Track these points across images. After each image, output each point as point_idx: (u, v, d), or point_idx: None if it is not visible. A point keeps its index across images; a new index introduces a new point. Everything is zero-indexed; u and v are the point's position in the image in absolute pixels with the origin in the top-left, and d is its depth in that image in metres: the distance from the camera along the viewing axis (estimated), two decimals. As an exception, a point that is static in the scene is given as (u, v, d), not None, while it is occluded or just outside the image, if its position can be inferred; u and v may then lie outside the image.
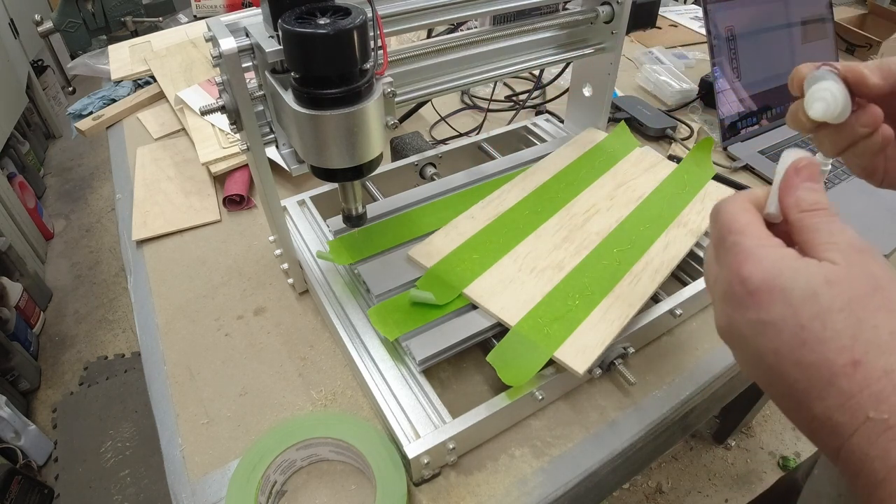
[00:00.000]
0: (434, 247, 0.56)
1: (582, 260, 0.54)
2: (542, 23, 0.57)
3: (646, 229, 0.57)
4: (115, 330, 1.71)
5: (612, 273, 0.53)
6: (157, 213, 0.73)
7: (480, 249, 0.55)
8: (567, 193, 0.62)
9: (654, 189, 0.62)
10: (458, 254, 0.55)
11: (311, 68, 0.37)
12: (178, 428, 0.50)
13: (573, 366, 0.46)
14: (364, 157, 0.41)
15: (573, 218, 0.59)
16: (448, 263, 0.54)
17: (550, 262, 0.54)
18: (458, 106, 0.95)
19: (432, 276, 0.53)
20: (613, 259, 0.54)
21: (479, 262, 0.54)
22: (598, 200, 0.61)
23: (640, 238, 0.56)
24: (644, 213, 0.59)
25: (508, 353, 0.48)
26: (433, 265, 0.53)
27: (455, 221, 0.58)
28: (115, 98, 0.97)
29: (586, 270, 0.53)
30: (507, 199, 0.61)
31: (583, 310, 0.50)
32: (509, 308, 0.50)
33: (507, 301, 0.51)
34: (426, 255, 0.55)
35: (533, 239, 0.56)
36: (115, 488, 1.31)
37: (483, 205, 0.60)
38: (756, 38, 0.86)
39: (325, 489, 0.47)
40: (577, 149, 0.68)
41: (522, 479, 0.46)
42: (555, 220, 0.59)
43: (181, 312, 0.61)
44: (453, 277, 0.53)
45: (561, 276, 0.53)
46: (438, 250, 0.55)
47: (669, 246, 0.56)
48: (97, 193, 2.25)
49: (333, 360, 0.55)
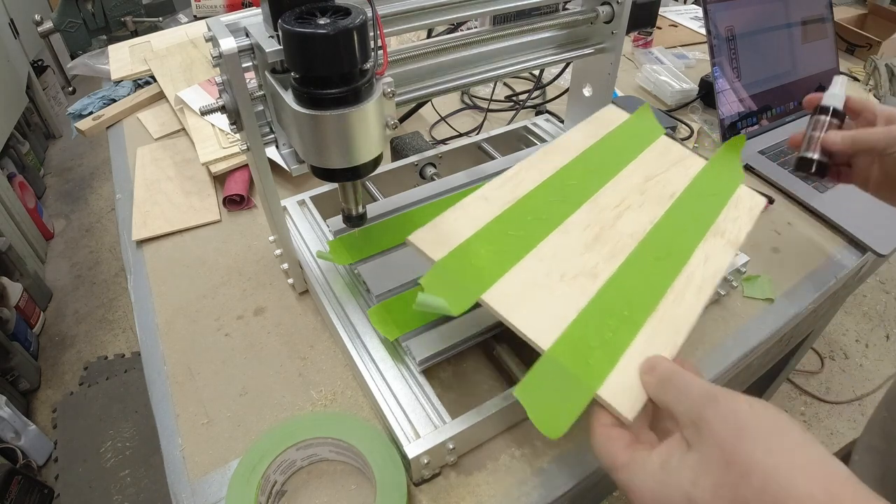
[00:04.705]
0: (440, 233, 0.45)
1: (618, 268, 0.46)
2: (542, 23, 0.57)
3: (682, 235, 0.50)
4: (115, 330, 1.71)
5: (652, 287, 0.45)
6: (157, 213, 0.73)
7: (497, 242, 0.46)
8: (593, 181, 0.53)
9: (686, 188, 0.55)
10: (470, 245, 0.45)
11: (311, 68, 0.37)
12: (178, 428, 0.50)
13: (621, 410, 0.36)
14: (364, 157, 0.41)
15: (602, 213, 0.50)
16: (459, 256, 0.44)
17: (582, 267, 0.45)
18: (458, 106, 0.95)
19: (440, 272, 0.43)
20: (652, 270, 0.46)
21: (498, 258, 0.44)
22: (628, 194, 0.53)
23: (678, 246, 0.49)
24: (678, 215, 0.52)
25: (542, 388, 0.38)
26: (441, 258, 0.43)
27: (465, 202, 0.48)
28: (115, 98, 0.97)
29: (624, 282, 0.45)
30: (525, 181, 0.51)
31: (625, 333, 0.41)
32: (539, 325, 0.40)
33: (535, 315, 0.41)
34: (431, 244, 0.44)
35: (559, 235, 0.47)
36: (115, 488, 1.31)
37: (497, 184, 0.50)
38: (756, 38, 0.86)
39: (325, 489, 0.47)
40: (597, 128, 0.59)
41: (522, 479, 0.46)
42: (582, 213, 0.50)
43: (181, 312, 0.61)
44: (467, 277, 0.42)
45: (596, 286, 0.44)
46: (446, 238, 0.45)
47: (709, 259, 0.48)
48: (97, 193, 2.25)
49: (333, 360, 0.55)
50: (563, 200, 0.51)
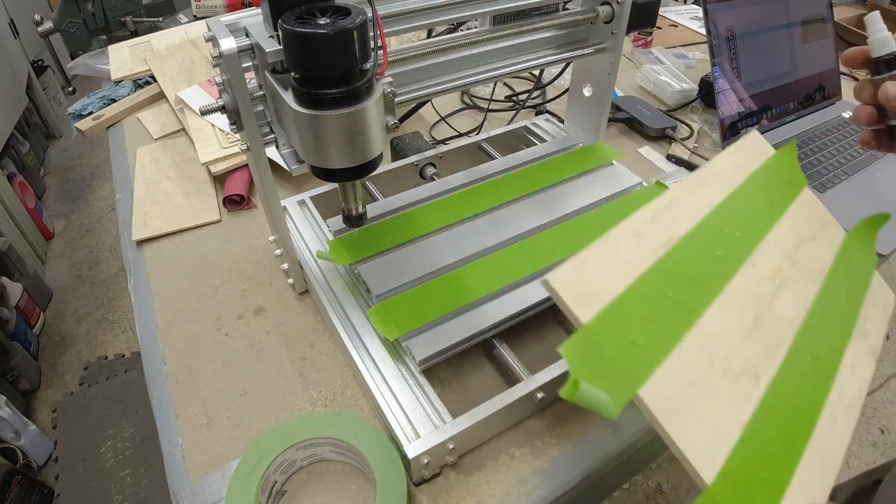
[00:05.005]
0: (586, 279, 0.34)
1: (778, 369, 0.39)
2: (542, 23, 0.57)
3: (832, 330, 0.43)
4: (115, 330, 1.71)
5: (809, 401, 0.39)
6: (157, 213, 0.73)
7: (653, 307, 0.36)
8: (747, 233, 0.45)
9: (832, 267, 0.47)
10: (623, 305, 0.35)
11: (311, 68, 0.37)
12: (178, 428, 0.50)
13: None
14: (364, 157, 0.41)
15: (760, 284, 0.42)
16: (610, 321, 0.34)
17: (745, 362, 0.38)
18: (458, 106, 0.95)
19: (588, 340, 0.33)
20: (808, 375, 0.40)
21: (655, 332, 0.35)
22: (782, 262, 0.44)
23: (830, 344, 0.42)
24: (828, 303, 0.44)
25: None
26: (589, 320, 0.33)
27: (613, 236, 0.37)
28: (115, 98, 0.97)
29: (784, 390, 0.38)
30: (679, 217, 0.42)
31: (785, 467, 0.35)
32: (702, 445, 0.33)
33: (697, 430, 0.33)
34: (577, 295, 0.33)
35: (719, 309, 0.39)
36: (115, 488, 1.31)
37: (649, 216, 0.40)
38: (756, 38, 0.86)
39: (325, 489, 0.47)
40: (748, 158, 0.50)
41: (522, 479, 0.46)
42: (740, 279, 0.41)
43: (181, 312, 0.61)
44: (620, 355, 0.33)
45: (758, 393, 0.37)
46: (594, 288, 0.34)
47: (856, 370, 0.42)
48: (97, 193, 2.25)
49: (333, 360, 0.55)
50: (720, 255, 0.42)
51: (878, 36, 0.43)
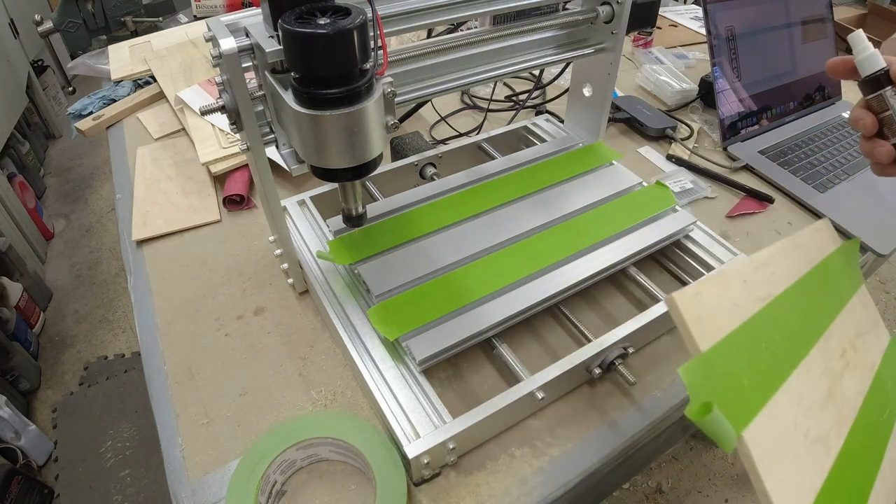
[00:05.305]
0: (704, 308, 0.36)
1: (843, 443, 0.41)
2: (542, 23, 0.57)
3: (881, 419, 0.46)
4: (115, 330, 1.71)
5: (865, 476, 0.41)
6: (157, 213, 0.73)
7: (756, 354, 0.38)
8: (823, 311, 0.47)
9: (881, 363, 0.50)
10: (734, 344, 0.37)
11: (311, 68, 0.37)
12: (178, 428, 0.50)
13: None
14: (364, 157, 0.41)
15: (832, 361, 0.44)
16: (722, 356, 0.35)
17: (821, 429, 0.40)
18: (458, 106, 0.95)
19: (705, 368, 0.34)
20: (863, 456, 0.42)
21: (757, 378, 0.37)
22: (847, 346, 0.47)
23: (879, 431, 0.45)
24: (878, 392, 0.47)
25: None
26: (707, 349, 0.35)
27: (727, 275, 0.40)
28: (115, 98, 0.97)
29: (846, 465, 0.40)
30: (777, 275, 0.44)
31: None
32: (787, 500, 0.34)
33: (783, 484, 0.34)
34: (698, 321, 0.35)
35: (803, 373, 0.41)
36: (115, 488, 1.31)
37: (753, 266, 0.42)
38: (756, 38, 0.86)
39: (325, 489, 0.47)
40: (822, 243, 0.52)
41: (522, 479, 0.46)
42: (818, 352, 0.43)
43: (181, 312, 0.61)
44: (730, 391, 0.35)
45: (828, 462, 0.39)
46: (710, 319, 0.36)
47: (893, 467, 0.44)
48: (97, 193, 2.25)
49: (333, 360, 0.55)
50: (805, 323, 0.45)
51: (865, 54, 0.43)
